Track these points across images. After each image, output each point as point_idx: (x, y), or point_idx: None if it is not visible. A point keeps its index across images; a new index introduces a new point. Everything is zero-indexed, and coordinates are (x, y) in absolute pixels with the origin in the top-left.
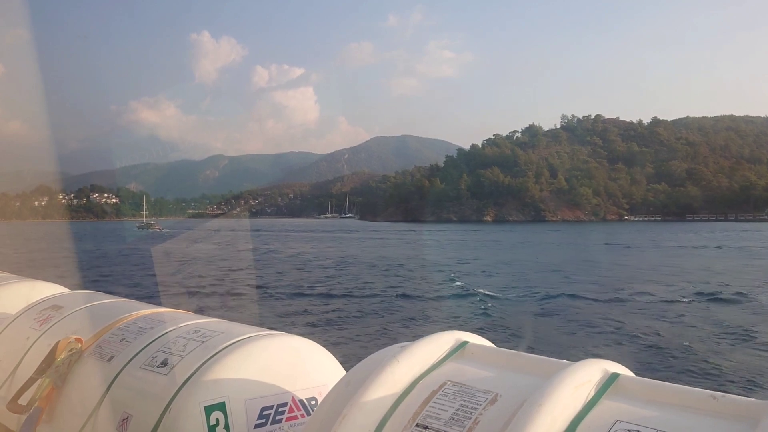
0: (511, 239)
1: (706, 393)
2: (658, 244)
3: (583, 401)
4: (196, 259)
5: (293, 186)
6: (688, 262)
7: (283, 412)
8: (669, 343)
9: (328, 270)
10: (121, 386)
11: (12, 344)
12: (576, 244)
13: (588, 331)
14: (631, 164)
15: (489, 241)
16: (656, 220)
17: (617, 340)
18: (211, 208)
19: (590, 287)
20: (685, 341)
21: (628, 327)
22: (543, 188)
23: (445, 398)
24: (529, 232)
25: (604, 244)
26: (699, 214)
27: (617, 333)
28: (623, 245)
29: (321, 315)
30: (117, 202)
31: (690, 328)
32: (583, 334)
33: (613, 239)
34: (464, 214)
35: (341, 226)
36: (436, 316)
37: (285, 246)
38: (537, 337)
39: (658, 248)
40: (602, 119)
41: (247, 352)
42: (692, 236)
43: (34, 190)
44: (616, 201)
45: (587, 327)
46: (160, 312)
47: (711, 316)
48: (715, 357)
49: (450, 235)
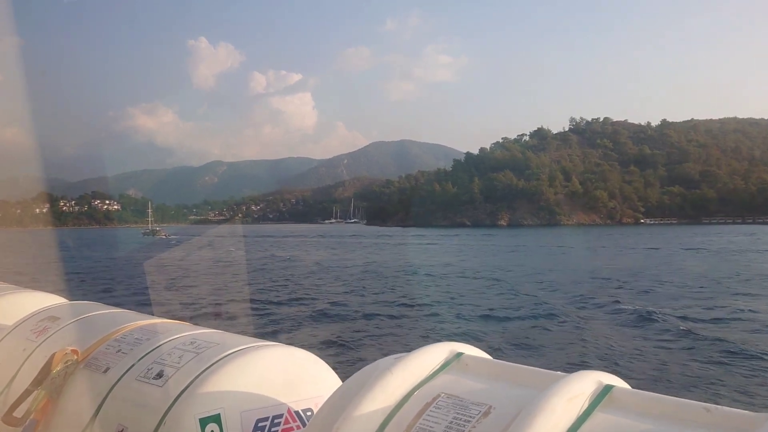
0: (526, 243)
1: (700, 405)
2: (693, 246)
3: (576, 413)
4: (207, 267)
5: (294, 192)
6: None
7: (278, 424)
8: (665, 355)
9: (330, 278)
10: (117, 398)
11: (8, 355)
12: (620, 248)
13: (586, 342)
14: (643, 167)
15: (509, 247)
16: (672, 223)
17: (614, 352)
18: (213, 214)
19: (596, 296)
20: (682, 352)
21: (626, 338)
22: (557, 191)
23: (438, 411)
24: (550, 236)
25: (644, 248)
26: (715, 216)
27: (614, 344)
28: (650, 248)
29: (318, 325)
30: (119, 209)
31: (689, 338)
32: (580, 345)
33: (644, 243)
34: (478, 218)
35: (349, 232)
36: (434, 326)
37: (304, 253)
38: (535, 347)
39: (698, 251)
40: (611, 122)
41: (243, 363)
42: (718, 238)
43: (35, 197)
44: (632, 204)
45: (585, 337)
46: (156, 323)
47: (710, 327)
48: (712, 368)
49: (466, 240)
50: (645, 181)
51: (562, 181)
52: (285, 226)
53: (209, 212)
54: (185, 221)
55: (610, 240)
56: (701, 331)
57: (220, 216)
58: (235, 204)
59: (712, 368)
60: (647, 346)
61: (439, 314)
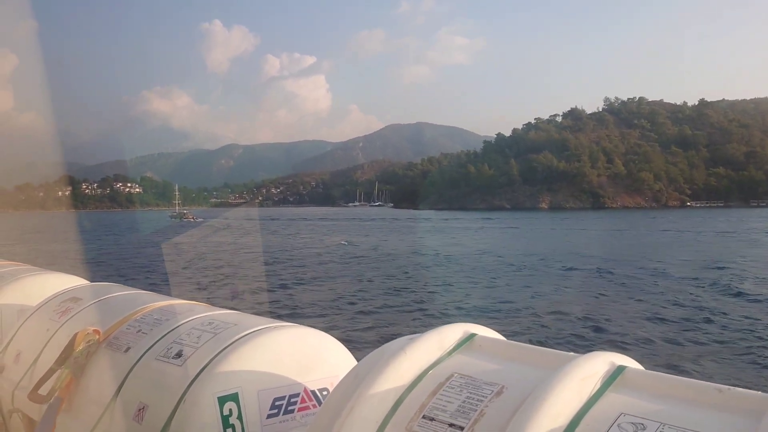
0: (587, 227)
1: (712, 386)
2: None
3: (588, 394)
4: (239, 251)
5: (313, 174)
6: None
7: (295, 403)
8: (680, 335)
9: (361, 262)
10: (138, 377)
11: (33, 335)
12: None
13: (601, 323)
14: (684, 148)
15: (571, 230)
16: (719, 206)
17: (629, 332)
18: (233, 197)
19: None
20: (700, 333)
21: (642, 318)
22: (600, 173)
23: (451, 390)
24: (607, 220)
25: (715, 233)
26: (764, 199)
27: (631, 324)
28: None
29: (334, 306)
30: (140, 192)
31: (706, 320)
32: (595, 326)
33: (712, 227)
34: (517, 201)
35: (382, 215)
36: (454, 307)
37: (357, 237)
38: (550, 328)
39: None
40: (646, 101)
41: (260, 343)
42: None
43: (56, 180)
44: (677, 186)
45: (601, 318)
46: (174, 304)
47: (726, 307)
48: (725, 349)
49: (513, 223)
50: (689, 163)
51: (605, 163)
52: (307, 209)
53: (229, 195)
54: (206, 204)
55: (670, 224)
56: (717, 312)
57: (240, 199)
58: (255, 187)
59: (724, 348)
60: (664, 329)
61: (460, 297)
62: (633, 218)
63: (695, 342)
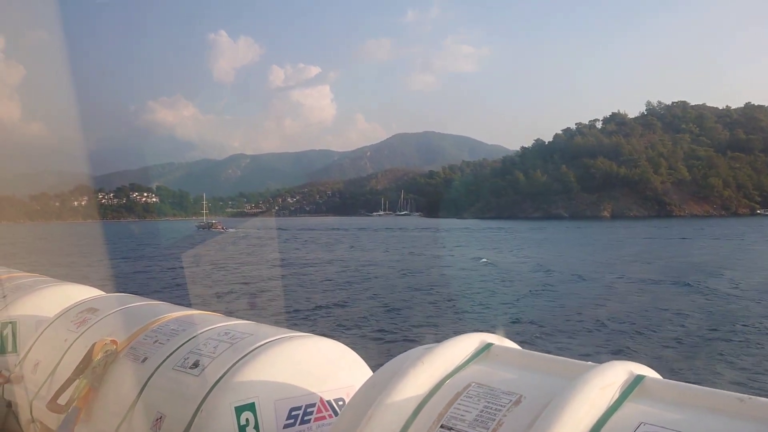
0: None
1: (733, 395)
2: None
3: (607, 403)
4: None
5: (327, 183)
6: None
7: (311, 413)
8: (701, 344)
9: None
10: (155, 387)
11: (51, 346)
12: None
13: (619, 332)
14: (740, 153)
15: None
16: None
17: (648, 341)
18: (249, 207)
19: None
20: (719, 341)
21: (660, 327)
22: (663, 179)
23: (469, 400)
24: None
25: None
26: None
27: (649, 333)
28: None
29: (349, 317)
30: (157, 201)
31: (724, 328)
32: (614, 335)
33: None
34: (576, 208)
35: (423, 225)
36: (471, 317)
37: (420, 249)
38: (567, 338)
39: None
40: (690, 105)
41: (276, 353)
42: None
43: (73, 189)
44: (746, 192)
45: (620, 328)
46: (191, 314)
47: (747, 315)
48: (747, 358)
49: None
50: (753, 168)
51: (667, 168)
52: (327, 219)
53: (245, 205)
54: (222, 213)
55: (755, 233)
56: (740, 321)
57: (256, 209)
58: (270, 196)
59: (747, 358)
60: (684, 335)
61: (473, 306)
62: (707, 227)
63: (718, 352)
